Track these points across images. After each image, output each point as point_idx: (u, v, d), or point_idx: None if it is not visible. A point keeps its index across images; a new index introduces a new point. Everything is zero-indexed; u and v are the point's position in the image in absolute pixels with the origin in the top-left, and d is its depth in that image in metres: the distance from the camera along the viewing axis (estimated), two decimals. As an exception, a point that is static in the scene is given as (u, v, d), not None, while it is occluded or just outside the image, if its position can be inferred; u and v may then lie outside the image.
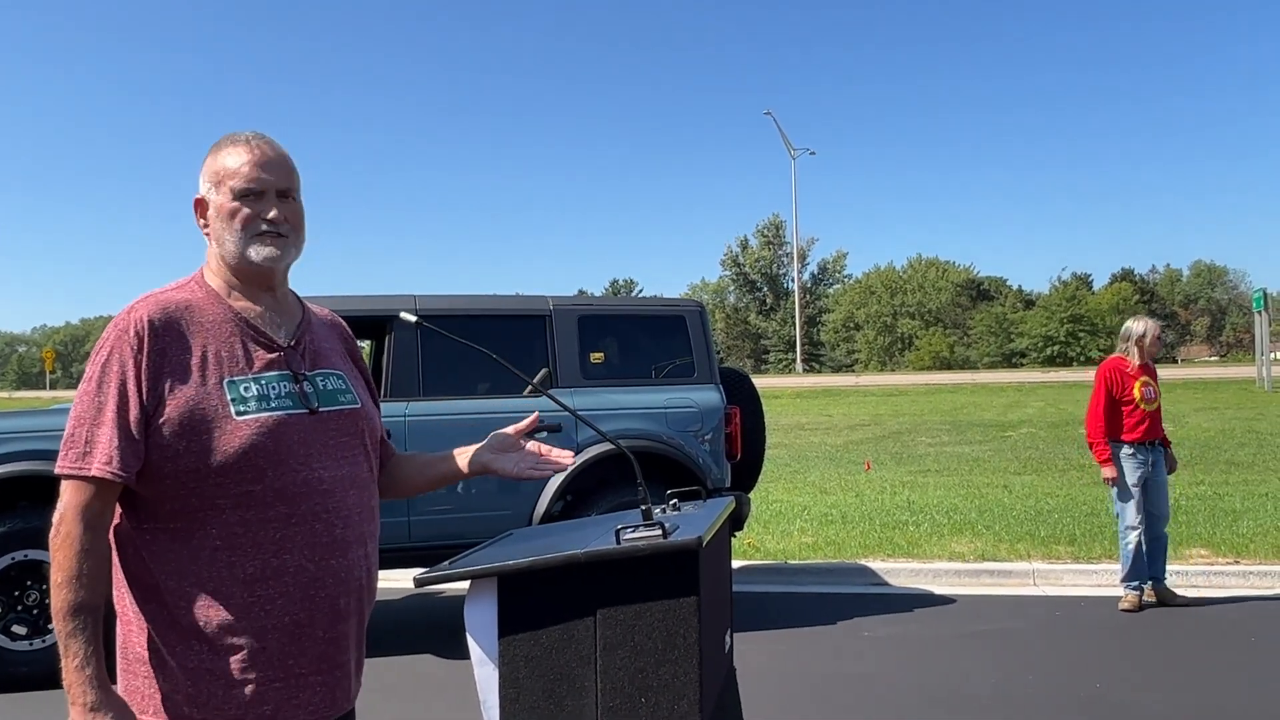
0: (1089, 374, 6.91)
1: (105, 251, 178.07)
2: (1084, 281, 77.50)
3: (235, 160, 1.81)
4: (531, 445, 2.04)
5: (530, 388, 2.14)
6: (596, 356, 6.24)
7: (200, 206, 1.84)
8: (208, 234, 1.84)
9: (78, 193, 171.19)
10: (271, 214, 1.81)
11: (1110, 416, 6.50)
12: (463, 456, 2.05)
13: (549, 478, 2.03)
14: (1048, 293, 76.10)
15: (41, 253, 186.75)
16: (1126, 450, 6.46)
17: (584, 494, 5.94)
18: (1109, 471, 6.47)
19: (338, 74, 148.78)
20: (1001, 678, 5.13)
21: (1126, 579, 6.42)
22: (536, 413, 2.13)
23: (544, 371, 5.42)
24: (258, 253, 1.81)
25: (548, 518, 5.83)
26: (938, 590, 7.17)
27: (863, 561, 7.81)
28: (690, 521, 1.94)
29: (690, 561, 1.73)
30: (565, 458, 2.02)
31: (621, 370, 6.34)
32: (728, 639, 2.19)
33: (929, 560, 7.73)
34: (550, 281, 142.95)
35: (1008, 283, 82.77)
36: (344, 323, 2.07)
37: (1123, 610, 6.34)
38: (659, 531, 1.76)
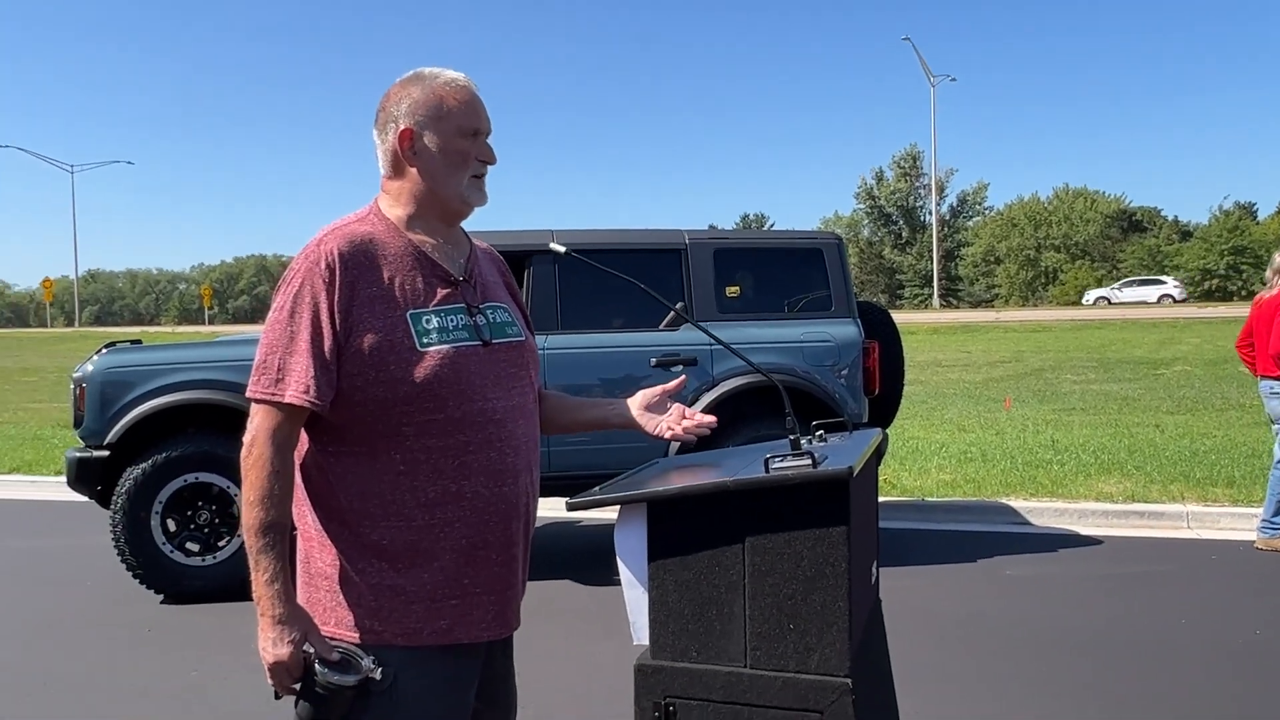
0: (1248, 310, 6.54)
1: (256, 192, 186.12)
2: (1248, 211, 72.47)
3: (459, 99, 1.85)
4: (676, 406, 2.08)
5: (670, 316, 2.15)
6: (732, 290, 6.20)
7: (408, 139, 1.83)
8: (414, 167, 1.85)
9: (232, 136, 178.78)
10: (491, 156, 1.89)
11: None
12: (609, 408, 2.12)
13: (692, 440, 2.05)
14: (1207, 224, 71.59)
15: (197, 194, 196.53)
16: None
17: (719, 427, 5.91)
18: None
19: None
20: (1151, 622, 4.97)
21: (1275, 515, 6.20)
22: (684, 376, 2.16)
23: (680, 305, 5.42)
24: (476, 196, 1.88)
25: (684, 449, 5.88)
26: (1083, 531, 6.97)
27: (1004, 500, 7.64)
28: (839, 452, 1.92)
29: (841, 491, 1.72)
30: (707, 421, 2.03)
31: (757, 304, 6.29)
32: (874, 570, 2.18)
33: (1074, 500, 7.50)
34: (679, 216, 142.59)
35: (1162, 213, 78.25)
36: (501, 257, 2.11)
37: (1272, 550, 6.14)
38: (809, 461, 1.75)
